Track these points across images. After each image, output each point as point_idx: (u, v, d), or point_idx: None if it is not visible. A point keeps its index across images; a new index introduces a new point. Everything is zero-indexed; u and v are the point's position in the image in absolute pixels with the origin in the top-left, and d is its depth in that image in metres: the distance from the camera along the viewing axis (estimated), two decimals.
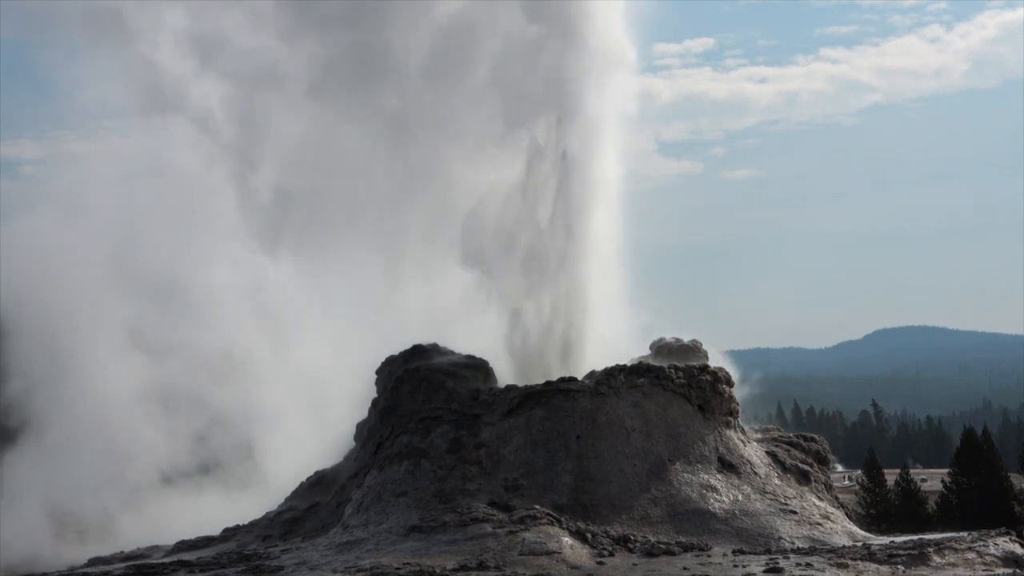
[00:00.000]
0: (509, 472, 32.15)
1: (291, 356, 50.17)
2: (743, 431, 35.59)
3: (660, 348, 37.35)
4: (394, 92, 44.63)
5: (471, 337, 37.58)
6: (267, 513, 36.39)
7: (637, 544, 29.15)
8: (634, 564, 27.75)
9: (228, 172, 50.80)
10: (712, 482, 32.54)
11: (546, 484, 31.77)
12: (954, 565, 27.95)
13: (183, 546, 35.33)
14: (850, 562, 27.25)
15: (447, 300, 42.24)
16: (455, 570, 26.83)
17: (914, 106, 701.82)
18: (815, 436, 38.52)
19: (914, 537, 32.59)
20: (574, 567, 27.54)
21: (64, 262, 49.67)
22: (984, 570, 27.94)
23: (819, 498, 34.23)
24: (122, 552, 36.35)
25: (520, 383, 34.86)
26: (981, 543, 29.58)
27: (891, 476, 46.62)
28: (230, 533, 35.92)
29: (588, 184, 39.87)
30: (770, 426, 40.56)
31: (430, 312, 41.57)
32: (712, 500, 31.93)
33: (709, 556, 28.70)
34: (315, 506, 35.67)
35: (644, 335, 38.90)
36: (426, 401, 34.31)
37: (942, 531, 36.09)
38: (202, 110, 52.05)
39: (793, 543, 30.49)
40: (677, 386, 34.20)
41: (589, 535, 29.34)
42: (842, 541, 31.16)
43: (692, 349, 37.20)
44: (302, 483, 37.50)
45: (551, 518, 29.76)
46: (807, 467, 35.38)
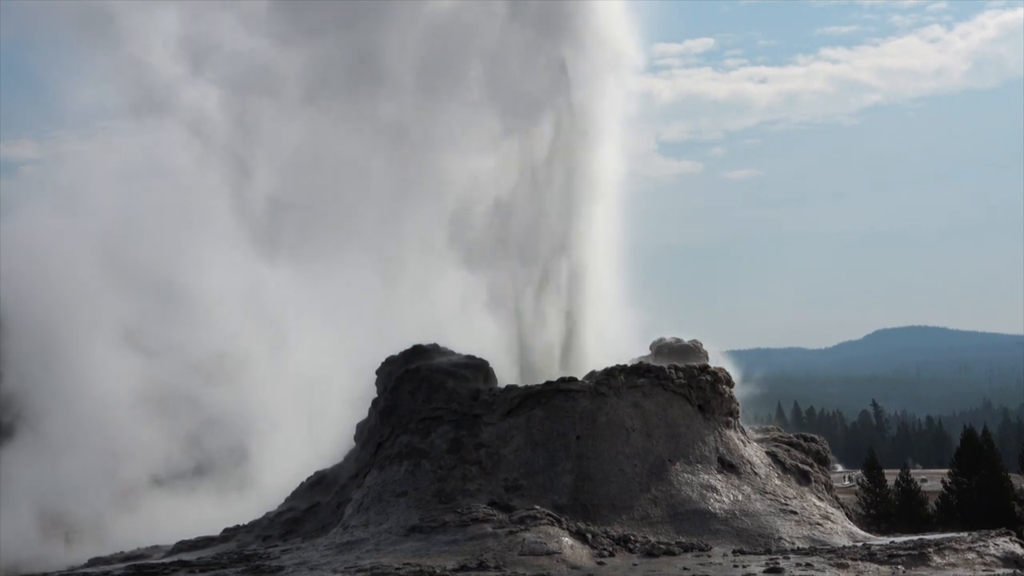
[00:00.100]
0: (509, 472, 32.15)
1: (287, 358, 49.99)
2: (743, 431, 35.57)
3: (660, 348, 37.33)
4: (390, 95, 44.63)
5: (470, 338, 37.55)
6: (267, 513, 36.38)
7: (637, 544, 29.14)
8: (634, 564, 27.74)
9: (223, 178, 50.91)
10: (712, 482, 32.54)
11: (546, 484, 31.76)
12: (954, 565, 27.93)
13: (183, 546, 35.32)
14: (850, 562, 27.23)
15: (445, 301, 42.21)
16: (455, 570, 26.82)
17: (914, 106, 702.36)
18: (815, 436, 38.48)
19: (914, 537, 32.57)
20: (574, 567, 27.52)
21: (61, 260, 49.59)
22: (984, 570, 27.93)
23: (819, 498, 34.22)
24: (122, 552, 36.32)
25: (520, 383, 34.85)
26: (981, 543, 29.57)
27: (891, 476, 46.64)
28: (230, 533, 35.91)
29: (588, 184, 39.85)
30: (770, 426, 40.54)
31: (428, 314, 41.48)
32: (712, 500, 31.92)
33: (709, 556, 28.69)
34: (315, 506, 35.66)
35: (644, 335, 38.95)
36: (426, 401, 34.30)
37: (942, 531, 36.08)
38: (196, 113, 52.16)
39: (793, 543, 30.48)
40: (677, 386, 34.19)
41: (589, 535, 29.33)
42: (842, 541, 31.14)
43: (692, 349, 37.19)
44: (302, 483, 37.49)
45: (551, 518, 29.75)
46: (807, 467, 35.38)
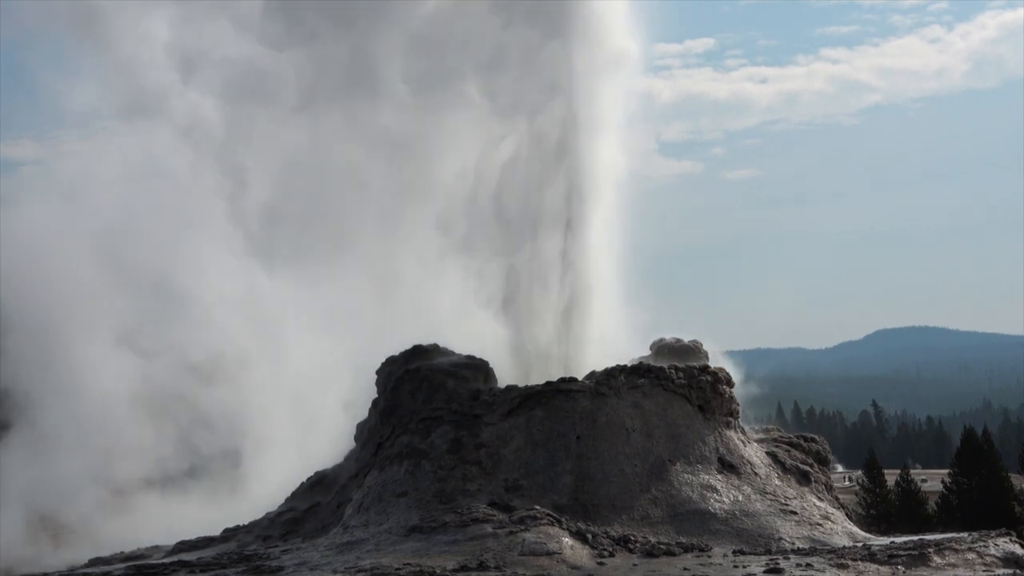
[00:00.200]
0: (509, 472, 32.14)
1: (283, 361, 49.93)
2: (743, 431, 35.56)
3: (660, 348, 37.32)
4: (386, 99, 44.61)
5: (470, 338, 37.52)
6: (267, 513, 36.38)
7: (637, 544, 29.13)
8: (634, 564, 27.73)
9: (218, 182, 50.99)
10: (712, 482, 32.53)
11: (546, 484, 31.75)
12: (954, 566, 27.93)
13: (183, 546, 35.33)
14: (850, 562, 27.22)
15: (445, 303, 42.19)
16: (455, 570, 26.81)
17: (914, 106, 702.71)
18: (815, 436, 38.47)
19: (914, 537, 32.56)
20: (574, 567, 27.51)
21: (59, 259, 49.61)
22: (984, 571, 27.92)
23: (819, 498, 34.21)
24: (122, 552, 36.34)
25: (520, 384, 34.84)
26: (981, 543, 29.56)
27: (891, 476, 46.67)
28: (230, 533, 35.92)
29: (588, 184, 39.82)
30: (770, 426, 40.51)
31: (427, 315, 41.46)
32: (712, 500, 31.92)
33: (709, 556, 28.69)
34: (315, 506, 35.66)
35: (644, 335, 38.94)
36: (426, 401, 34.29)
37: (942, 531, 36.07)
38: (190, 118, 52.31)
39: (793, 543, 30.47)
40: (677, 386, 34.18)
41: (589, 535, 29.33)
42: (842, 542, 31.13)
43: (692, 349, 37.17)
44: (302, 483, 37.48)
45: (551, 518, 29.74)
46: (807, 467, 35.37)
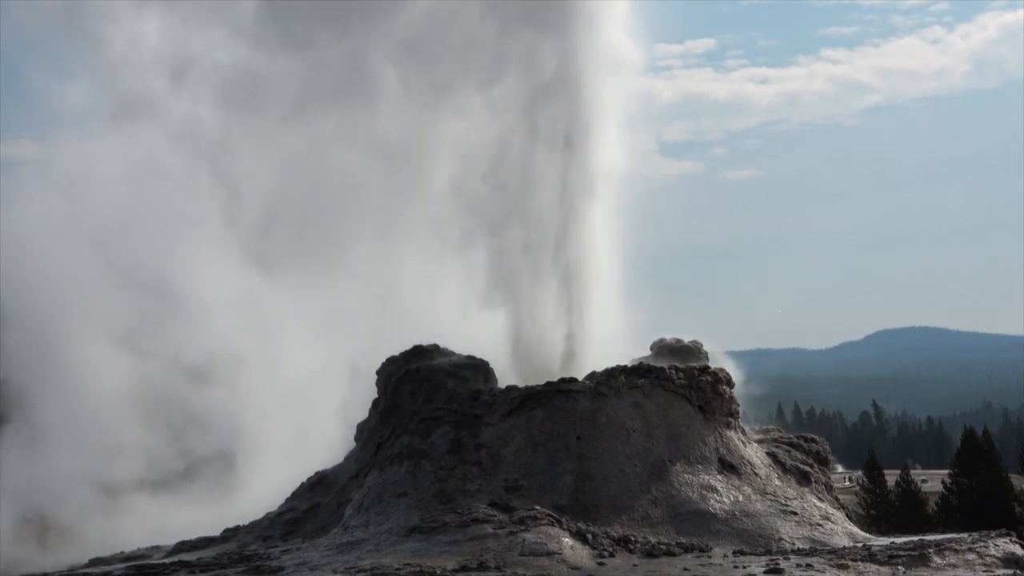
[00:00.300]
0: (509, 473, 32.14)
1: (278, 364, 49.82)
2: (743, 432, 35.56)
3: (660, 349, 37.31)
4: (383, 103, 44.58)
5: (470, 339, 37.54)
6: (268, 514, 36.38)
7: (637, 545, 29.14)
8: (634, 565, 27.74)
9: (214, 186, 50.99)
10: (712, 483, 32.53)
11: (546, 485, 31.75)
12: (954, 566, 27.93)
13: (183, 546, 35.34)
14: (850, 563, 27.23)
15: (444, 304, 42.19)
16: (455, 571, 26.82)
17: (915, 107, 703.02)
18: (815, 437, 38.47)
19: (914, 538, 32.57)
20: (574, 568, 27.52)
21: (56, 258, 49.61)
22: (984, 571, 27.93)
23: (819, 499, 34.21)
24: (122, 552, 36.36)
25: (520, 384, 34.85)
26: (981, 544, 29.56)
27: (891, 477, 46.68)
28: (231, 533, 35.93)
29: (588, 185, 39.81)
30: (770, 427, 40.50)
31: (426, 317, 41.47)
32: (712, 501, 31.92)
33: (709, 557, 28.70)
34: (316, 507, 35.66)
35: (644, 335, 38.94)
36: (427, 402, 34.30)
37: (942, 532, 36.09)
38: (183, 124, 52.32)
39: (793, 544, 30.48)
40: (678, 387, 34.18)
41: (589, 536, 29.33)
42: (842, 542, 31.14)
43: (692, 350, 37.16)
44: (302, 484, 37.49)
45: (551, 519, 29.74)
46: (807, 468, 35.37)
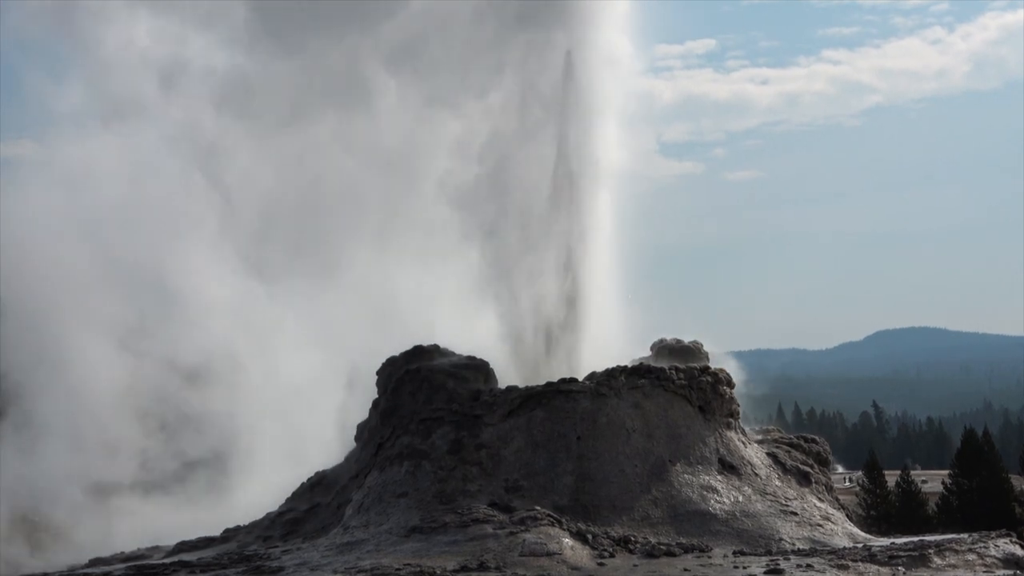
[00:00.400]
0: (510, 473, 32.14)
1: (274, 367, 49.75)
2: (744, 432, 35.55)
3: (661, 349, 37.29)
4: (377, 110, 44.66)
5: (470, 339, 37.55)
6: (268, 514, 36.38)
7: (638, 545, 29.13)
8: (635, 565, 27.73)
9: (207, 194, 51.05)
10: (713, 483, 32.52)
11: (547, 485, 31.74)
12: (954, 567, 27.92)
13: (184, 547, 35.34)
14: (851, 563, 27.22)
15: (443, 306, 42.19)
16: (455, 571, 26.82)
17: (915, 107, 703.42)
18: (816, 437, 38.45)
19: (915, 538, 32.55)
20: (574, 568, 27.51)
21: (51, 257, 49.60)
22: (984, 571, 27.94)
23: (820, 499, 34.20)
24: (122, 553, 36.36)
25: (520, 384, 34.85)
26: (982, 544, 29.56)
27: (892, 477, 46.71)
28: (231, 534, 35.93)
29: (589, 185, 39.81)
30: (771, 427, 40.49)
31: (424, 317, 41.45)
32: (713, 501, 31.91)
33: (710, 557, 28.69)
34: (316, 507, 35.66)
35: (645, 336, 38.92)
36: (427, 402, 34.30)
37: (943, 532, 36.08)
38: (176, 129, 52.37)
39: (794, 544, 30.48)
40: (678, 387, 34.18)
41: (590, 536, 29.32)
42: (843, 542, 31.13)
43: (693, 350, 37.14)
44: (303, 484, 37.48)
45: (552, 519, 29.73)
46: (808, 468, 35.36)
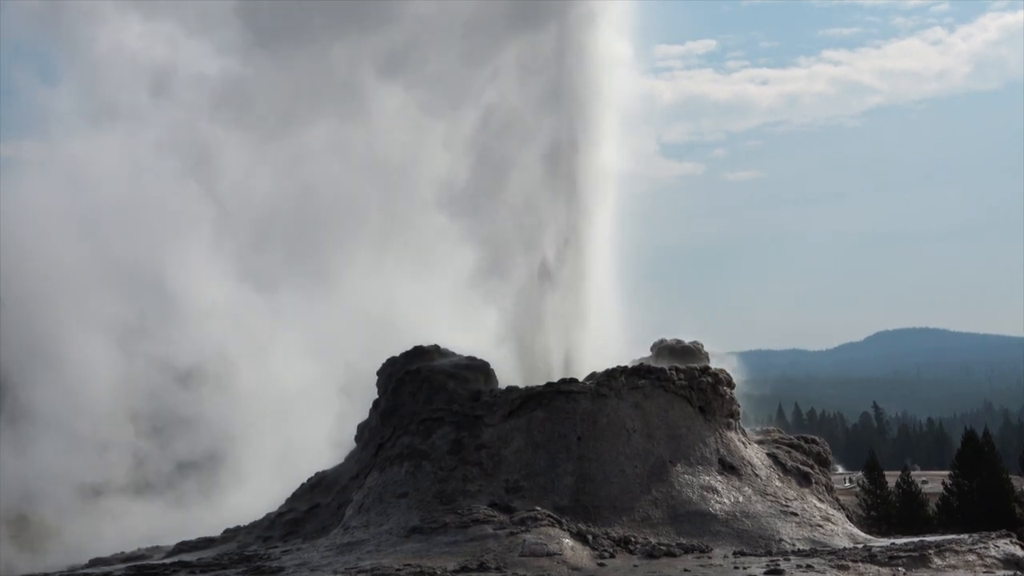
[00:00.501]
0: (510, 473, 32.14)
1: (269, 371, 49.74)
2: (744, 433, 35.55)
3: (661, 349, 37.27)
4: (372, 116, 44.59)
5: (470, 339, 37.57)
6: (268, 514, 36.40)
7: (638, 545, 29.14)
8: (635, 566, 27.74)
9: (202, 199, 51.08)
10: (713, 484, 32.52)
11: (547, 485, 31.74)
12: (955, 567, 27.93)
13: (184, 547, 35.37)
14: (851, 564, 27.23)
15: (440, 308, 42.24)
16: (456, 571, 26.83)
17: (916, 108, 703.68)
18: (816, 438, 38.45)
19: (915, 539, 32.54)
20: (575, 568, 27.52)
21: (46, 258, 49.65)
22: (985, 572, 27.95)
23: (820, 500, 34.20)
24: (122, 553, 36.43)
25: (521, 385, 34.85)
26: (982, 545, 29.56)
27: (892, 478, 46.76)
28: (231, 534, 35.95)
29: (589, 186, 39.81)
30: (771, 428, 40.48)
31: (423, 317, 41.49)
32: (713, 502, 31.91)
33: (710, 558, 28.70)
34: (316, 507, 35.66)
35: (645, 336, 38.93)
36: (427, 402, 34.31)
37: (943, 533, 36.09)
38: (169, 134, 52.37)
39: (794, 545, 30.48)
40: (678, 388, 34.18)
41: (590, 536, 29.33)
42: (843, 543, 31.13)
43: (693, 350, 37.12)
44: (303, 484, 37.50)
45: (552, 519, 29.74)
46: (808, 469, 35.36)
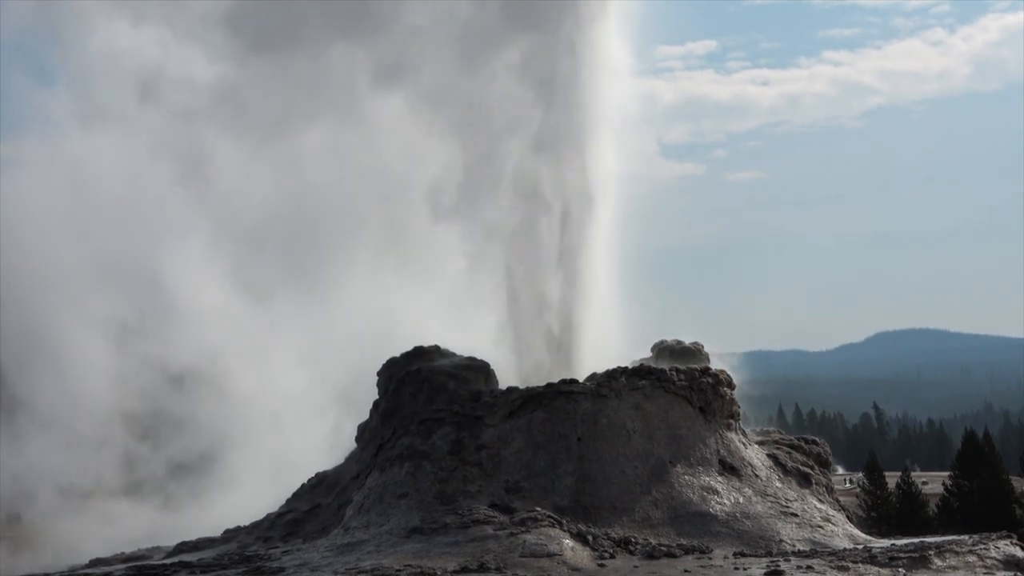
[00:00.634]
0: (510, 474, 32.14)
1: (263, 376, 49.71)
2: (744, 433, 35.55)
3: (661, 350, 37.27)
4: (368, 122, 44.54)
5: (471, 339, 37.58)
6: (268, 514, 36.42)
7: (638, 546, 29.14)
8: (635, 566, 27.73)
9: (196, 204, 51.10)
10: (713, 484, 32.52)
11: (547, 486, 31.75)
12: (955, 568, 27.92)
13: (184, 547, 35.39)
14: (851, 565, 27.23)
15: (437, 316, 42.27)
16: (456, 572, 26.84)
17: (917, 108, 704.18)
18: (816, 438, 38.46)
19: (915, 540, 32.53)
20: (575, 569, 27.51)
21: (49, 255, 49.64)
22: (985, 573, 27.93)
23: (820, 501, 34.21)
24: (123, 553, 36.42)
25: (521, 385, 34.86)
26: (982, 546, 29.55)
27: (892, 479, 46.78)
28: (231, 534, 35.97)
29: (589, 187, 39.80)
30: (771, 428, 40.48)
31: (419, 325, 41.49)
32: (713, 502, 31.92)
33: (710, 558, 28.69)
34: (316, 508, 35.68)
35: (645, 337, 38.93)
36: (427, 403, 34.31)
37: (943, 534, 36.05)
38: (163, 138, 52.35)
39: (794, 546, 30.48)
40: (678, 388, 34.18)
41: (590, 537, 29.33)
42: (843, 544, 31.13)
43: (693, 351, 37.12)
44: (303, 484, 37.53)
45: (552, 520, 29.74)
46: (808, 470, 35.36)
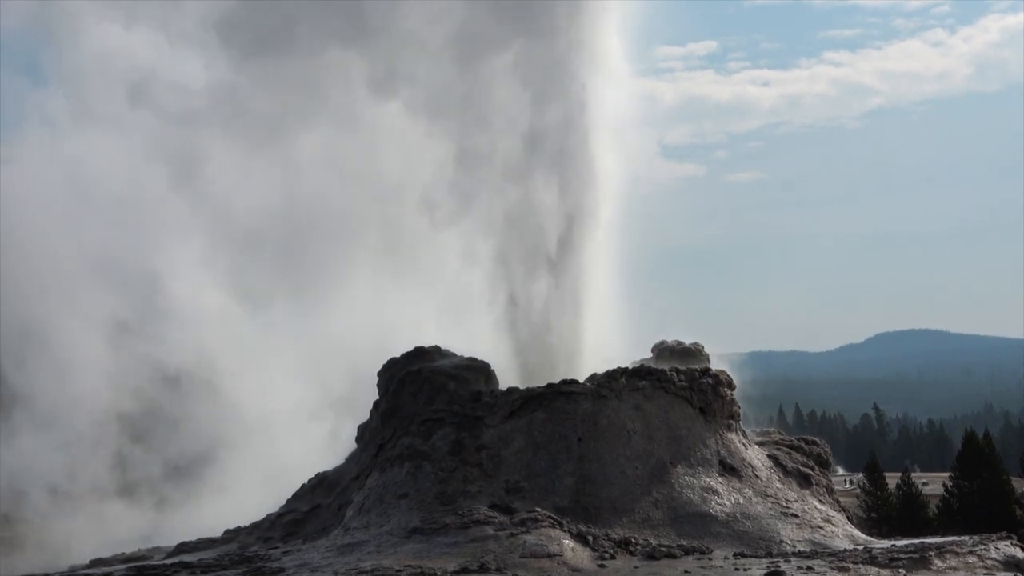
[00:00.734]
0: (510, 474, 32.15)
1: (257, 380, 49.64)
2: (744, 434, 35.55)
3: (662, 351, 37.28)
4: (365, 127, 44.53)
5: (471, 339, 37.60)
6: (268, 515, 36.44)
7: (638, 547, 29.15)
8: (635, 567, 27.74)
9: (193, 207, 51.10)
10: (713, 485, 32.53)
11: (547, 486, 31.76)
12: (955, 569, 27.93)
13: (184, 547, 35.40)
14: (851, 565, 27.24)
15: (435, 319, 42.28)
16: (456, 572, 26.86)
17: (917, 109, 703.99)
18: (816, 439, 38.48)
19: (915, 541, 32.53)
20: (575, 570, 27.54)
21: (47, 255, 49.63)
22: (985, 574, 27.95)
23: (820, 501, 34.21)
24: (123, 553, 36.44)
25: (521, 385, 34.85)
26: (982, 547, 29.56)
27: (892, 479, 46.76)
28: (231, 535, 35.97)
29: (589, 188, 39.82)
30: (771, 429, 40.48)
31: (422, 319, 41.50)
32: (713, 503, 31.92)
33: (710, 559, 28.70)
34: (316, 508, 35.69)
35: (646, 337, 38.94)
36: (428, 403, 34.32)
37: (943, 535, 36.05)
38: (158, 140, 52.29)
39: (794, 546, 30.49)
40: (679, 389, 34.19)
41: (590, 537, 29.34)
42: (843, 544, 31.13)
43: (694, 352, 37.13)
44: (303, 485, 37.55)
45: (552, 520, 29.75)
46: (808, 470, 35.37)
